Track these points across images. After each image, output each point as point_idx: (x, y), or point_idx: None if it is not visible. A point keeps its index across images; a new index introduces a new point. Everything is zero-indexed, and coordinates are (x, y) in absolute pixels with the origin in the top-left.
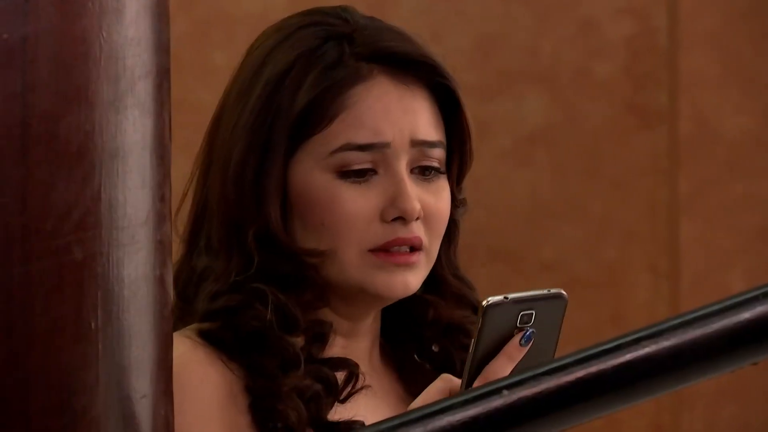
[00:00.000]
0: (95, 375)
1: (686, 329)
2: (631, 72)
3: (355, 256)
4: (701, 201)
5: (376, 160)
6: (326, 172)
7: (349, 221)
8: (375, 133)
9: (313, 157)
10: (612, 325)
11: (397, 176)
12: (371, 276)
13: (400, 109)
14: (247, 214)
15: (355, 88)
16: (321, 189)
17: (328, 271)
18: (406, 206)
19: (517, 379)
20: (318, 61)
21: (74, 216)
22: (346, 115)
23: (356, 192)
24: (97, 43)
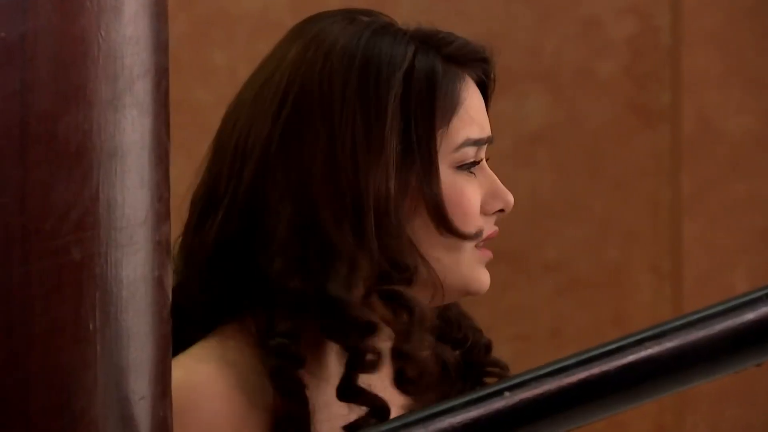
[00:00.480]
0: (94, 376)
1: (689, 330)
2: (633, 71)
3: (469, 250)
4: (704, 201)
5: (480, 154)
6: (450, 168)
7: (473, 215)
8: (483, 129)
9: (440, 155)
10: (614, 326)
11: (488, 170)
12: (476, 272)
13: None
14: (395, 214)
15: (460, 87)
16: (450, 185)
17: (445, 265)
18: (509, 198)
19: (518, 380)
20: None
21: (73, 216)
22: (462, 112)
23: (473, 187)
24: (96, 42)
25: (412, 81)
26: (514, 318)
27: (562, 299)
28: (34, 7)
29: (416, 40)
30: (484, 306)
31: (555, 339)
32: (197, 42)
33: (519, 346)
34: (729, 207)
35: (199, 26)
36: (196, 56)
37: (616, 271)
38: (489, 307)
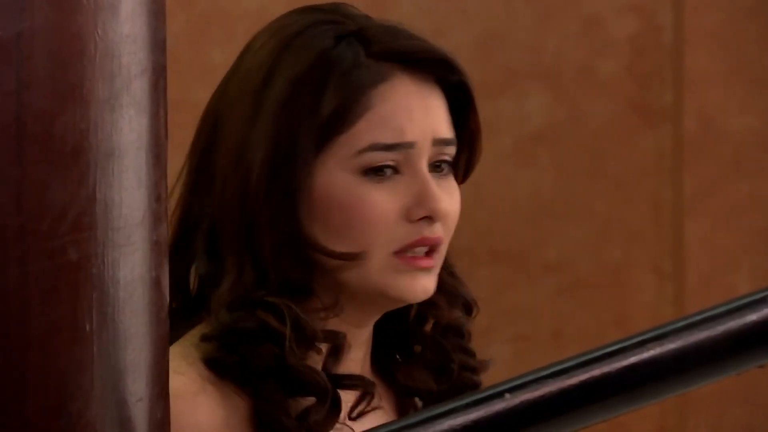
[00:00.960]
0: (90, 377)
1: (691, 331)
2: (635, 70)
3: (381, 258)
4: (706, 201)
5: (399, 159)
6: (350, 173)
7: (377, 222)
8: (400, 133)
9: (337, 158)
10: (616, 328)
11: (421, 175)
12: (394, 280)
13: (423, 108)
14: (271, 220)
15: (377, 89)
16: (346, 190)
17: (350, 275)
18: (435, 205)
19: (519, 382)
20: (337, 62)
21: (70, 216)
22: (371, 115)
23: (382, 193)
24: (93, 40)
25: (308, 79)
26: (514, 319)
27: (563, 300)
28: (30, 5)
29: (352, 36)
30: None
31: (556, 340)
32: (196, 40)
33: (519, 347)
34: (731, 207)
35: (197, 24)
36: (194, 55)
37: (617, 271)
38: (489, 307)
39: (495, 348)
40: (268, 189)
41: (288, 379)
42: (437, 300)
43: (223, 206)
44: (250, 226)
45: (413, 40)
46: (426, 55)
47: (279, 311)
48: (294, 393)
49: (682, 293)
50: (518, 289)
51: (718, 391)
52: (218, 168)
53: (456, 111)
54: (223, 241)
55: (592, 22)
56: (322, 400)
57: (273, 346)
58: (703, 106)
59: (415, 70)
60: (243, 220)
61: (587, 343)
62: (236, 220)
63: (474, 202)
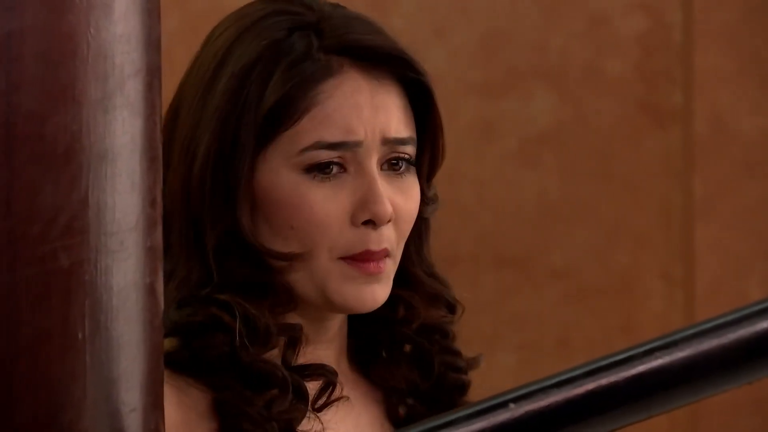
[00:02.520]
0: (83, 387)
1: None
2: (644, 69)
3: (326, 262)
4: (717, 204)
5: (346, 158)
6: (294, 171)
7: (319, 225)
8: (347, 132)
9: (280, 155)
10: (623, 335)
11: (368, 176)
12: (339, 286)
13: (372, 106)
14: (212, 215)
15: (324, 84)
16: (289, 189)
17: (296, 276)
18: (378, 209)
19: (524, 392)
20: (285, 54)
21: (61, 221)
22: (316, 111)
23: (326, 193)
24: (85, 40)
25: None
26: (519, 326)
27: (569, 307)
28: (20, 4)
29: (308, 28)
30: (487, 314)
31: (562, 348)
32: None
33: (524, 355)
34: (743, 210)
35: (192, 23)
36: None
37: (625, 277)
38: (493, 314)
39: (499, 356)
40: (211, 184)
41: (245, 374)
42: (412, 299)
43: (172, 200)
44: (194, 221)
45: (368, 34)
46: (379, 50)
47: (229, 308)
48: (254, 387)
49: (692, 299)
50: (523, 296)
51: (729, 401)
52: (171, 159)
53: (417, 108)
54: (172, 236)
55: (599, 20)
56: (284, 391)
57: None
58: (714, 107)
59: (368, 66)
60: (188, 215)
61: (594, 351)
62: (182, 215)
63: (477, 206)
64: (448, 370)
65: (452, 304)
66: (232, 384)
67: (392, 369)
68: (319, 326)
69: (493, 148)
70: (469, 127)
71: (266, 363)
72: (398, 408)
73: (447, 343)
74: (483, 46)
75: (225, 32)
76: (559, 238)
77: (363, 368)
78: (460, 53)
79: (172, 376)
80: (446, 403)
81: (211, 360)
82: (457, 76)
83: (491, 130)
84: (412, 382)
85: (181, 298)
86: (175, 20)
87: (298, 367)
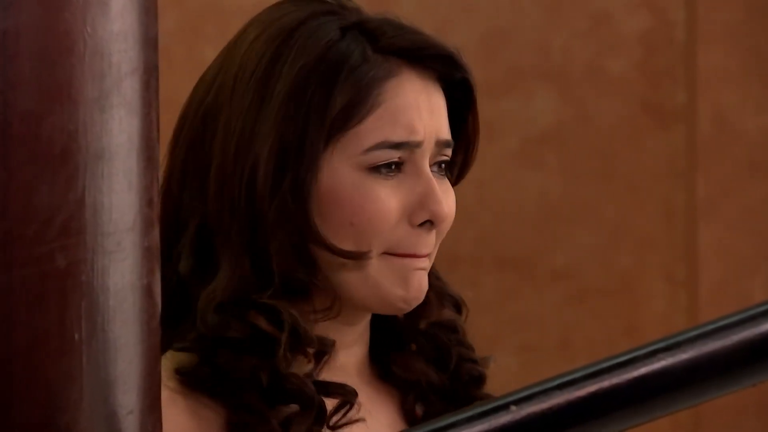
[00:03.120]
0: (79, 390)
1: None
2: (647, 68)
3: (376, 258)
4: (721, 205)
5: (404, 158)
6: (358, 170)
7: (380, 221)
8: (410, 132)
9: (344, 154)
10: (626, 337)
11: (425, 176)
12: (389, 279)
13: (429, 107)
14: (278, 216)
15: (387, 84)
16: (352, 187)
17: (346, 277)
18: (439, 209)
19: (525, 393)
20: (346, 56)
21: (57, 221)
22: (381, 112)
23: (387, 190)
24: (82, 38)
25: (316, 71)
26: (520, 328)
27: (572, 308)
28: (17, 1)
29: (355, 29)
30: (488, 315)
31: (564, 350)
32: (188, 38)
33: (526, 357)
34: (747, 211)
35: (190, 21)
36: (187, 52)
37: (628, 278)
38: (494, 316)
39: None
40: (275, 184)
41: (274, 388)
42: (429, 298)
43: (223, 202)
44: (255, 222)
45: (420, 35)
46: (433, 51)
47: (275, 315)
48: (278, 402)
49: (695, 301)
50: (524, 297)
51: (733, 403)
52: (215, 162)
53: (455, 111)
54: (218, 240)
55: (602, 18)
56: (308, 410)
57: (257, 356)
58: (718, 106)
59: (421, 67)
60: (248, 216)
61: (596, 353)
62: (241, 217)
63: (478, 207)
64: (464, 361)
65: (459, 304)
66: (252, 401)
67: (410, 363)
68: (344, 334)
69: (494, 148)
70: None
71: (298, 379)
72: (415, 407)
73: (459, 337)
74: (484, 45)
75: (264, 33)
76: (561, 238)
77: (380, 368)
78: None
79: (186, 394)
80: (463, 397)
81: (238, 378)
82: None
83: (492, 130)
84: (429, 377)
85: (223, 301)
86: (173, 18)
87: (321, 383)
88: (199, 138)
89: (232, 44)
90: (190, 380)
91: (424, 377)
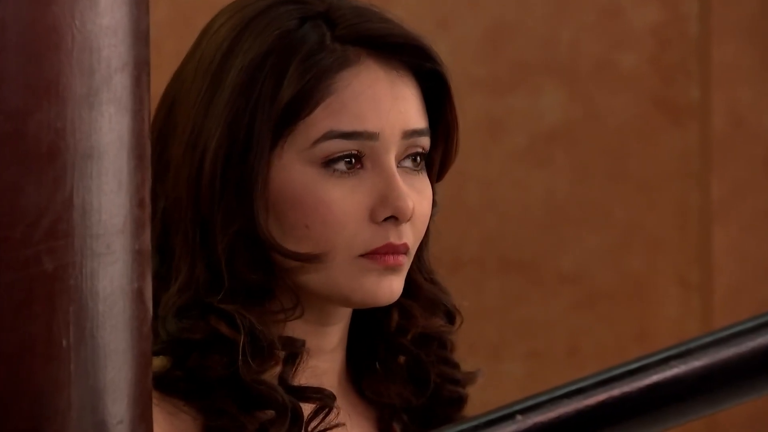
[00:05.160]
0: (67, 398)
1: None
2: (659, 64)
3: (343, 261)
4: (736, 205)
5: (363, 152)
6: (309, 166)
7: (336, 224)
8: (360, 120)
9: (294, 149)
10: (637, 344)
11: (387, 171)
12: (358, 282)
13: (391, 97)
14: (224, 215)
15: (341, 73)
16: (305, 186)
17: (310, 277)
18: (400, 204)
19: (532, 402)
20: (298, 46)
21: (44, 223)
22: (330, 101)
23: (344, 190)
24: (70, 32)
25: (267, 61)
26: (527, 334)
27: (580, 314)
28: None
29: (319, 18)
30: (493, 321)
31: (572, 357)
32: (180, 31)
33: (532, 364)
34: (763, 212)
35: (182, 14)
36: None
37: (639, 282)
38: (499, 321)
39: (506, 365)
40: (223, 182)
41: (243, 395)
42: (411, 307)
43: (176, 198)
44: (203, 221)
45: (384, 23)
46: (397, 39)
47: (233, 320)
48: (250, 408)
49: (710, 306)
50: (531, 302)
51: (749, 413)
52: (172, 156)
53: (431, 101)
54: (176, 240)
55: (612, 11)
56: (282, 416)
57: (225, 357)
58: (733, 103)
59: (384, 56)
60: (195, 215)
61: (606, 360)
62: (188, 215)
63: (483, 207)
64: (445, 382)
65: (452, 313)
66: (226, 406)
67: (386, 385)
68: (321, 337)
69: (500, 147)
70: (474, 124)
71: (266, 384)
72: (392, 424)
73: (445, 353)
74: (489, 39)
75: (228, 22)
76: (570, 241)
77: (357, 383)
78: (465, 46)
79: (161, 398)
80: (441, 418)
81: (207, 381)
82: (461, 71)
83: (498, 127)
84: (406, 398)
85: (181, 305)
86: (164, 11)
87: (296, 388)
88: (163, 132)
89: (201, 34)
90: (163, 384)
91: (399, 399)
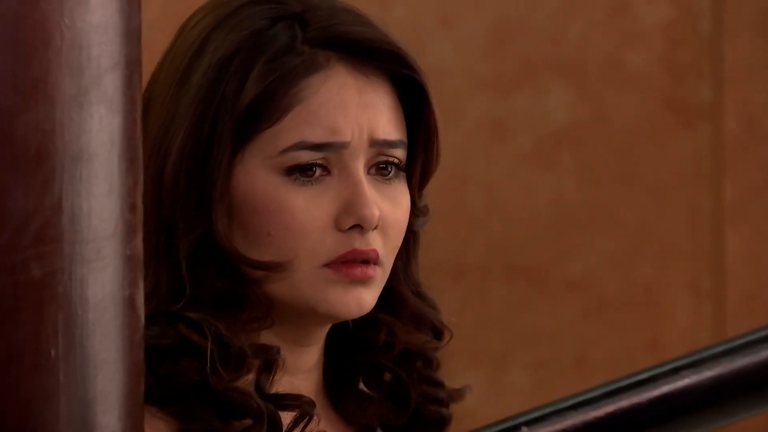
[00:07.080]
0: (56, 409)
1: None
2: (669, 62)
3: (307, 270)
4: (749, 209)
5: (330, 160)
6: (273, 173)
7: (300, 232)
8: (332, 132)
9: (259, 155)
10: (647, 353)
11: (353, 178)
12: (323, 292)
13: (360, 104)
14: (186, 220)
15: (309, 79)
16: (268, 193)
17: (275, 287)
18: (364, 212)
19: (538, 414)
20: (267, 46)
21: (32, 228)
22: (299, 109)
23: (307, 197)
24: (59, 30)
25: (232, 62)
26: (533, 343)
27: (588, 321)
28: None
29: (294, 19)
30: (498, 329)
31: (580, 367)
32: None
33: (539, 374)
34: None
35: (174, 12)
36: None
37: (649, 289)
38: (504, 330)
39: (511, 375)
40: (185, 186)
41: (217, 402)
42: (394, 326)
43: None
44: (166, 227)
45: (357, 26)
46: (369, 44)
47: (200, 328)
48: (226, 416)
49: (722, 313)
50: (537, 310)
51: (763, 425)
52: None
53: (410, 109)
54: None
55: (620, 8)
56: (258, 423)
57: (196, 363)
58: (745, 103)
59: (356, 61)
60: (159, 220)
61: (615, 370)
62: (152, 220)
63: (487, 212)
64: (427, 402)
65: (438, 329)
66: (201, 414)
67: (364, 405)
68: (297, 356)
69: (505, 149)
70: (477, 125)
71: (239, 391)
72: None
73: (428, 372)
74: (493, 37)
75: (201, 21)
76: (577, 246)
77: (335, 403)
78: (468, 45)
79: None
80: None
81: (179, 388)
82: (464, 70)
83: (502, 128)
84: (385, 418)
85: (148, 313)
86: (156, 9)
87: (274, 396)
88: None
89: (176, 33)
90: None
91: (378, 420)
